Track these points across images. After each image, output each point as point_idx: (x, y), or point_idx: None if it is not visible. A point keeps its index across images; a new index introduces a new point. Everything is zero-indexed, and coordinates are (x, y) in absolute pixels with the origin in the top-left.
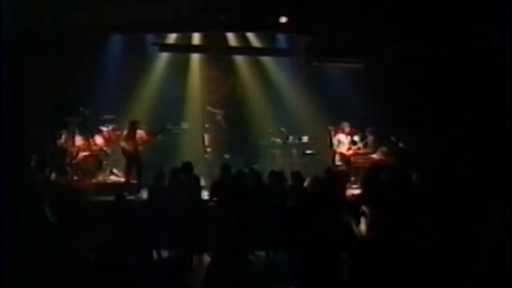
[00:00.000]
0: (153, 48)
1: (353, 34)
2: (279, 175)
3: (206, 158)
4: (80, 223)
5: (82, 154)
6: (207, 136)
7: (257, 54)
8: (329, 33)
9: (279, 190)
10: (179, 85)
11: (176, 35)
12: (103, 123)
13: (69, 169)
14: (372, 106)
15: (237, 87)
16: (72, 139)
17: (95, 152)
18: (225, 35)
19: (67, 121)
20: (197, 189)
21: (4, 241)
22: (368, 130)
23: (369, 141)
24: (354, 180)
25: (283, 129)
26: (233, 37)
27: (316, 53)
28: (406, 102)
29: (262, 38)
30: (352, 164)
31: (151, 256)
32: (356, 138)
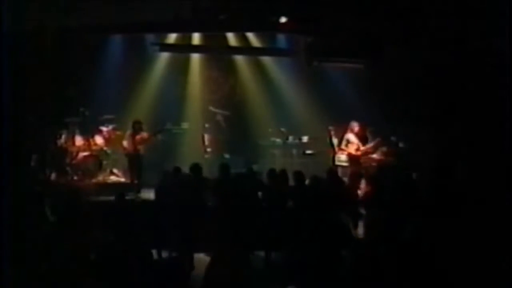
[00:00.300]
0: (153, 48)
1: (353, 34)
2: (280, 174)
3: (206, 158)
4: (80, 223)
5: (82, 154)
6: (207, 136)
7: (257, 54)
8: (329, 33)
9: (279, 190)
10: (179, 85)
11: (176, 35)
12: (103, 123)
13: (69, 169)
14: (373, 106)
15: (237, 87)
16: (72, 139)
17: (95, 152)
18: (225, 35)
19: (67, 121)
20: (204, 190)
21: (4, 241)
22: (368, 131)
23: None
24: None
25: (283, 129)
26: (233, 37)
27: (316, 53)
28: (406, 102)
29: (262, 38)
30: (361, 164)
31: (151, 256)
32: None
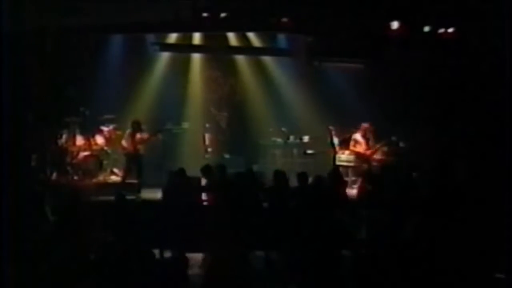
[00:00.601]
0: (153, 48)
1: (353, 34)
2: (282, 174)
3: (206, 158)
4: (81, 222)
5: (82, 154)
6: (208, 136)
7: (257, 54)
8: (329, 33)
9: (280, 190)
10: (180, 85)
11: (176, 35)
12: (103, 122)
13: (69, 168)
14: (373, 105)
15: (238, 87)
16: (72, 139)
17: (95, 152)
18: (225, 35)
19: (67, 121)
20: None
21: (4, 241)
22: (369, 130)
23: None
24: (355, 180)
25: (283, 129)
26: (233, 37)
27: (316, 53)
28: (407, 102)
29: (263, 38)
30: (370, 164)
31: (151, 256)
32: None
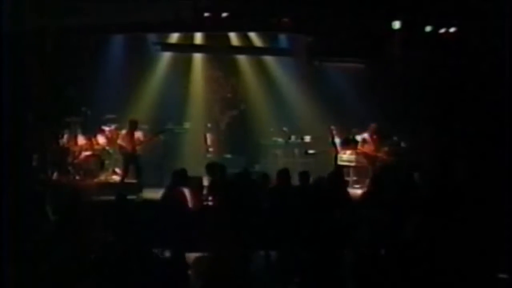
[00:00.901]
0: (155, 48)
1: (353, 34)
2: (283, 174)
3: (208, 158)
4: (82, 222)
5: (84, 153)
6: (209, 135)
7: (259, 54)
8: (330, 33)
9: (280, 190)
10: (181, 85)
11: (178, 35)
12: (105, 122)
13: (71, 168)
14: (374, 105)
15: (239, 87)
16: (74, 139)
17: (97, 152)
18: (227, 35)
19: (68, 120)
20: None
21: (4, 241)
22: (370, 130)
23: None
24: (356, 180)
25: (285, 129)
26: (235, 37)
27: (318, 53)
28: (407, 101)
29: (264, 38)
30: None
31: (152, 256)
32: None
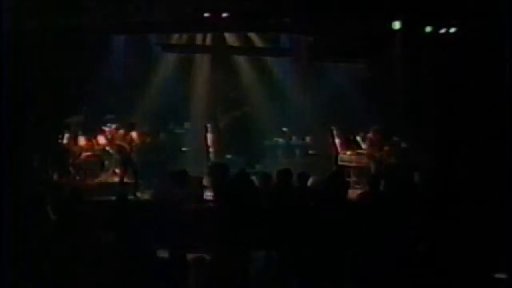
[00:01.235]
0: (156, 48)
1: (354, 34)
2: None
3: (208, 158)
4: (82, 223)
5: (84, 154)
6: (210, 136)
7: (259, 54)
8: (330, 33)
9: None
10: (182, 85)
11: (178, 35)
12: (105, 123)
13: (71, 169)
14: (375, 105)
15: (240, 87)
16: (74, 139)
17: (97, 152)
18: (227, 35)
19: (69, 121)
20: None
21: (4, 241)
22: (371, 130)
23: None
24: (357, 180)
25: (286, 129)
26: (235, 37)
27: (318, 53)
28: (407, 101)
29: (265, 38)
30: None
31: (152, 256)
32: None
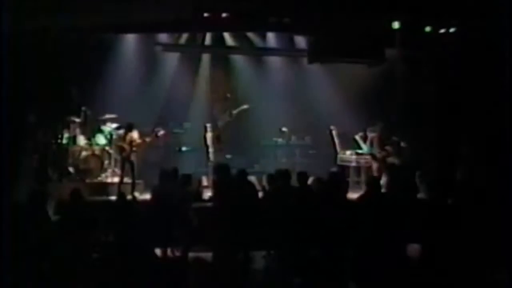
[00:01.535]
0: (156, 48)
1: (355, 34)
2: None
3: (207, 158)
4: (82, 223)
5: (84, 154)
6: (210, 136)
7: (259, 54)
8: (330, 33)
9: (280, 190)
10: (182, 85)
11: (178, 35)
12: (105, 122)
13: (71, 169)
14: (375, 105)
15: (239, 87)
16: (74, 139)
17: (97, 152)
18: (227, 34)
19: (68, 120)
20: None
21: (4, 241)
22: (371, 130)
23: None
24: (357, 181)
25: (285, 129)
26: (235, 37)
27: (318, 53)
28: (407, 101)
29: (264, 38)
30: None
31: (151, 256)
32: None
